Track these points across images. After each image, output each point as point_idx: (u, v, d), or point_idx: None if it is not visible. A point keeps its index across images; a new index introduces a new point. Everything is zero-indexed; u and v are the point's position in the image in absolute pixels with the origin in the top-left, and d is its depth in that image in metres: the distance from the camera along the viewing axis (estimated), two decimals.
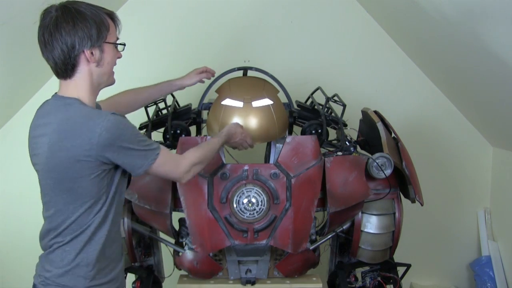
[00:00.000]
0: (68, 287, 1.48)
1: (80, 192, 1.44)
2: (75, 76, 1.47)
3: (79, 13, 1.42)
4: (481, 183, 3.24)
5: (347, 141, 2.21)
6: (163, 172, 1.57)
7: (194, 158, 1.64)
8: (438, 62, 2.99)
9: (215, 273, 2.21)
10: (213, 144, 1.78)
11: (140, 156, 1.47)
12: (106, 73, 1.52)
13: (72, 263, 1.48)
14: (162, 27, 3.11)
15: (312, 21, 3.16)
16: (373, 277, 2.30)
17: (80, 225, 1.47)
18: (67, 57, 1.43)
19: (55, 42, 1.42)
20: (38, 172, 1.53)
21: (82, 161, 1.40)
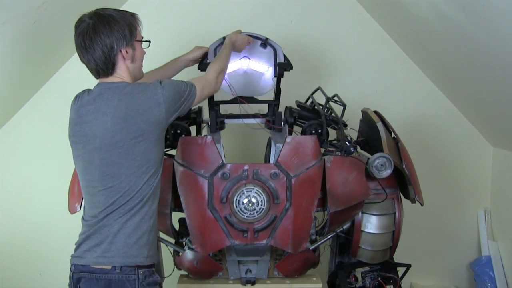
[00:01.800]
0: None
1: (147, 158, 1.62)
2: (115, 72, 1.67)
3: (112, 17, 1.63)
4: (481, 183, 3.24)
5: (347, 141, 2.21)
6: (205, 95, 1.87)
7: (215, 70, 1.92)
8: (438, 62, 2.99)
9: (215, 273, 2.21)
10: (225, 54, 2.05)
11: (191, 94, 1.75)
12: (138, 68, 1.75)
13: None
14: (162, 27, 3.11)
15: (312, 21, 3.16)
16: (373, 277, 2.30)
17: (144, 195, 1.64)
18: (107, 57, 1.63)
19: (95, 45, 1.61)
20: (88, 154, 1.63)
21: (156, 121, 1.61)
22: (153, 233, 1.70)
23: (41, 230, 3.00)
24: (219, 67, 1.95)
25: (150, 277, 1.63)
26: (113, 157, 1.59)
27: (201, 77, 1.88)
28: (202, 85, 1.83)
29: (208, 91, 1.88)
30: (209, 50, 2.25)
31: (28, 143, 3.04)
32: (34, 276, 3.04)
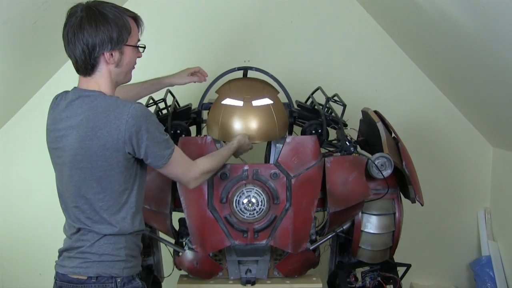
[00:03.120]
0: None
1: (109, 181, 1.50)
2: (95, 74, 1.53)
3: (102, 15, 1.49)
4: (481, 183, 3.24)
5: (347, 141, 2.21)
6: (174, 172, 1.63)
7: (205, 167, 1.72)
8: (438, 62, 2.99)
9: (215, 273, 2.21)
10: (224, 155, 1.87)
11: (161, 146, 1.54)
12: (123, 72, 1.59)
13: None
14: (162, 27, 3.11)
15: (312, 21, 3.16)
16: (373, 277, 2.29)
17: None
18: (87, 57, 1.49)
19: (77, 42, 1.48)
20: (60, 166, 1.56)
21: (111, 149, 1.46)
22: (132, 246, 1.61)
23: (41, 230, 3.00)
24: (211, 168, 1.76)
25: (129, 284, 1.57)
26: (78, 177, 1.51)
27: (188, 160, 1.66)
28: (182, 166, 1.63)
29: (180, 178, 1.69)
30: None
31: (28, 143, 3.04)
32: (34, 276, 3.03)
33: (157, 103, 2.42)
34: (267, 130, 2.04)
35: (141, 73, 3.08)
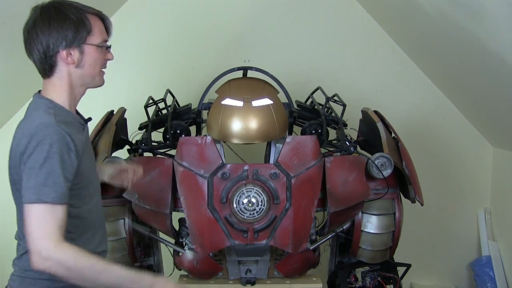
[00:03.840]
0: None
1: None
2: (53, 76, 1.45)
3: (58, 13, 1.39)
4: (481, 183, 3.24)
5: (347, 141, 2.21)
6: (27, 225, 1.29)
7: (65, 258, 1.25)
8: (438, 62, 3.00)
9: (215, 273, 2.21)
10: (116, 275, 1.32)
11: (36, 183, 1.27)
12: (89, 75, 1.46)
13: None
14: (162, 27, 3.11)
15: (312, 21, 3.16)
16: (373, 277, 2.30)
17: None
18: (43, 57, 1.41)
19: (32, 42, 1.40)
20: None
21: (16, 166, 1.36)
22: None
23: None
24: (69, 268, 1.26)
25: None
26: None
27: (53, 226, 1.26)
28: (41, 221, 1.26)
29: (28, 236, 1.28)
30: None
31: None
32: None
33: (157, 103, 2.42)
34: (267, 130, 2.04)
35: (143, 72, 3.13)
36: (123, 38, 3.08)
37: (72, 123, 1.44)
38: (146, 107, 2.31)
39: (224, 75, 2.29)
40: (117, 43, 3.23)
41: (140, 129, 2.34)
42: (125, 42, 3.08)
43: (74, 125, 1.44)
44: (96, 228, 1.52)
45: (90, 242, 1.48)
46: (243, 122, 2.02)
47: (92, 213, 1.50)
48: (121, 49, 3.10)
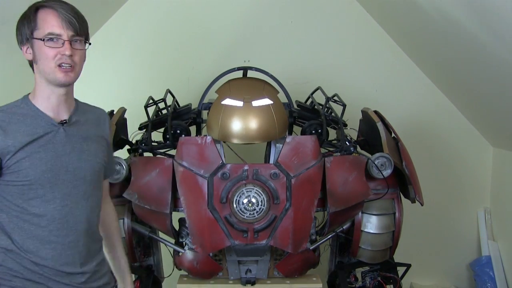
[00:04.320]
0: None
1: None
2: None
3: (25, 12, 1.46)
4: (481, 183, 3.24)
5: (347, 141, 2.21)
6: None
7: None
8: (438, 62, 2.99)
9: (215, 273, 2.21)
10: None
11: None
12: (45, 71, 1.43)
13: None
14: (162, 27, 3.11)
15: (312, 21, 3.16)
16: (373, 277, 2.30)
17: None
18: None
19: None
20: None
21: None
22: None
23: None
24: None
25: None
26: None
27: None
28: None
29: None
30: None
31: None
32: None
33: (157, 103, 2.42)
34: (267, 130, 2.04)
35: (143, 72, 3.12)
36: (123, 38, 3.08)
37: (23, 114, 1.44)
38: (146, 107, 2.31)
39: (224, 75, 2.29)
40: (117, 43, 3.26)
41: (140, 129, 2.34)
42: (125, 42, 3.09)
43: (24, 116, 1.43)
44: (52, 238, 1.44)
45: (31, 251, 1.42)
46: (243, 122, 2.02)
47: (45, 221, 1.43)
48: (121, 49, 3.11)
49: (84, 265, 1.50)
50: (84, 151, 1.50)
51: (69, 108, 1.51)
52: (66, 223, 1.45)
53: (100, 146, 1.57)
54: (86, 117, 1.56)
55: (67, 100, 1.50)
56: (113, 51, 3.10)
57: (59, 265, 1.45)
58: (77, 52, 1.44)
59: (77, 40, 1.44)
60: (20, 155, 1.39)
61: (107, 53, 3.05)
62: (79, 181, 1.48)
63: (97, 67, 2.98)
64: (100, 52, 3.00)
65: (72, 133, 1.49)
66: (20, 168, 1.39)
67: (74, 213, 1.47)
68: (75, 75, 1.45)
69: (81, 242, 1.48)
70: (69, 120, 1.49)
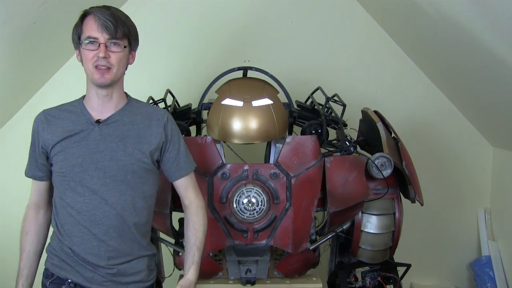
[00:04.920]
0: None
1: None
2: None
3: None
4: (481, 183, 3.24)
5: (347, 141, 2.21)
6: None
7: (22, 223, 1.78)
8: (438, 62, 2.99)
9: (215, 273, 2.21)
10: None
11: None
12: (87, 72, 1.57)
13: None
14: (162, 27, 3.11)
15: (312, 21, 3.16)
16: (373, 277, 2.30)
17: None
18: None
19: None
20: None
21: None
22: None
23: None
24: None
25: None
26: None
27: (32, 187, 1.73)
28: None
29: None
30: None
31: (28, 143, 3.03)
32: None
33: (157, 103, 2.42)
34: (267, 130, 2.04)
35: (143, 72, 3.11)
36: None
37: (71, 111, 1.61)
38: None
39: (224, 75, 2.29)
40: None
41: None
42: None
43: (72, 113, 1.61)
44: (81, 227, 1.56)
45: (67, 234, 1.58)
46: (243, 122, 2.02)
47: (75, 211, 1.56)
48: None
49: (112, 261, 1.58)
50: (118, 151, 1.57)
51: (115, 107, 1.61)
52: (93, 216, 1.55)
53: (141, 147, 1.60)
54: (132, 118, 1.62)
55: (111, 100, 1.60)
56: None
57: (84, 253, 1.56)
58: (114, 54, 1.54)
59: (114, 43, 1.54)
60: (58, 148, 1.56)
61: None
62: (109, 179, 1.56)
63: None
64: None
65: (108, 132, 1.57)
66: (57, 161, 1.57)
67: (102, 209, 1.56)
68: (111, 76, 1.55)
69: (109, 238, 1.57)
70: (108, 119, 1.58)
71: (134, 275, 1.62)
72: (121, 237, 1.58)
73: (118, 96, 1.62)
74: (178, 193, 1.76)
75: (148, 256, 1.69)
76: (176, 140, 1.70)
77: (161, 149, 1.65)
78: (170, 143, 1.67)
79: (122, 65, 1.57)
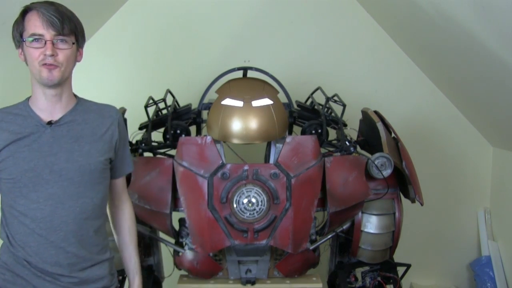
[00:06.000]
0: None
1: None
2: None
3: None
4: (481, 183, 3.24)
5: (347, 141, 2.21)
6: None
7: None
8: (438, 62, 3.00)
9: (215, 273, 2.21)
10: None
11: None
12: (32, 71, 1.45)
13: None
14: (162, 27, 3.11)
15: (312, 21, 3.17)
16: (373, 277, 2.30)
17: None
18: None
19: None
20: None
21: None
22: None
23: None
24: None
25: None
26: None
27: None
28: None
29: None
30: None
31: None
32: None
33: (157, 103, 2.42)
34: (267, 130, 2.04)
35: (143, 72, 3.12)
36: (123, 38, 3.08)
37: (17, 114, 1.48)
38: (146, 107, 2.31)
39: (224, 75, 2.29)
40: (117, 43, 3.26)
41: (140, 129, 2.34)
42: (125, 42, 3.09)
43: (17, 116, 1.47)
44: (36, 236, 1.45)
45: (20, 245, 1.46)
46: (243, 122, 2.02)
47: (29, 219, 1.45)
48: (121, 49, 3.11)
49: (73, 269, 1.49)
50: (73, 152, 1.48)
51: (66, 108, 1.51)
52: (50, 222, 1.45)
53: (97, 146, 1.53)
54: (85, 117, 1.54)
55: (60, 100, 1.49)
56: (113, 51, 3.10)
57: (42, 263, 1.46)
58: (62, 51, 1.43)
59: (61, 40, 1.43)
60: (5, 153, 1.43)
61: (107, 53, 3.05)
62: (66, 181, 1.46)
63: (97, 67, 2.98)
64: (100, 52, 3.00)
65: (61, 134, 1.48)
66: (6, 166, 1.43)
67: (60, 214, 1.46)
68: (60, 75, 1.44)
69: (68, 244, 1.47)
70: (60, 120, 1.49)
71: (97, 281, 1.54)
72: (80, 242, 1.49)
73: (67, 95, 1.52)
74: (110, 192, 1.67)
75: (108, 260, 1.61)
76: (126, 137, 1.68)
77: (115, 146, 1.59)
78: (121, 140, 1.62)
79: (70, 63, 1.47)
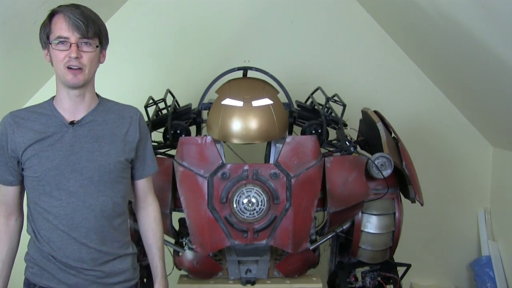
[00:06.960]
0: None
1: None
2: None
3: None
4: (481, 183, 3.24)
5: (347, 141, 2.21)
6: None
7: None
8: (439, 62, 2.99)
9: (215, 273, 2.21)
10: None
11: None
12: (57, 73, 1.51)
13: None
14: (162, 27, 3.11)
15: (312, 21, 3.16)
16: (373, 277, 2.30)
17: None
18: None
19: None
20: None
21: None
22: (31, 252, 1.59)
23: None
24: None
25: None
26: None
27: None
28: None
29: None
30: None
31: None
32: None
33: (157, 103, 2.42)
34: (267, 130, 2.04)
35: (144, 72, 3.12)
36: (123, 38, 3.08)
37: (41, 113, 1.54)
38: (146, 107, 2.31)
39: (224, 75, 2.29)
40: (117, 43, 3.24)
41: None
42: (125, 42, 3.09)
43: (42, 115, 1.54)
44: (59, 232, 1.51)
45: (45, 240, 1.52)
46: (243, 122, 2.02)
47: (52, 216, 1.51)
48: (121, 49, 3.11)
49: (96, 263, 1.54)
50: (93, 151, 1.53)
51: (88, 108, 1.56)
52: (72, 219, 1.51)
53: (116, 146, 1.56)
54: (105, 117, 1.59)
55: (83, 100, 1.55)
56: (113, 51, 3.07)
57: (66, 258, 1.52)
58: (86, 54, 1.49)
59: (86, 43, 1.49)
60: (30, 152, 1.50)
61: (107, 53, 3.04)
62: (86, 180, 1.51)
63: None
64: None
65: (83, 133, 1.53)
66: (31, 165, 1.50)
67: (81, 211, 1.51)
68: (84, 77, 1.50)
69: (89, 240, 1.53)
70: (82, 120, 1.54)
71: (119, 275, 1.60)
72: (101, 239, 1.54)
73: (90, 96, 1.57)
74: (135, 193, 1.71)
75: (132, 255, 1.66)
76: (147, 138, 1.69)
77: (135, 147, 1.62)
78: (142, 141, 1.65)
79: (94, 65, 1.53)
